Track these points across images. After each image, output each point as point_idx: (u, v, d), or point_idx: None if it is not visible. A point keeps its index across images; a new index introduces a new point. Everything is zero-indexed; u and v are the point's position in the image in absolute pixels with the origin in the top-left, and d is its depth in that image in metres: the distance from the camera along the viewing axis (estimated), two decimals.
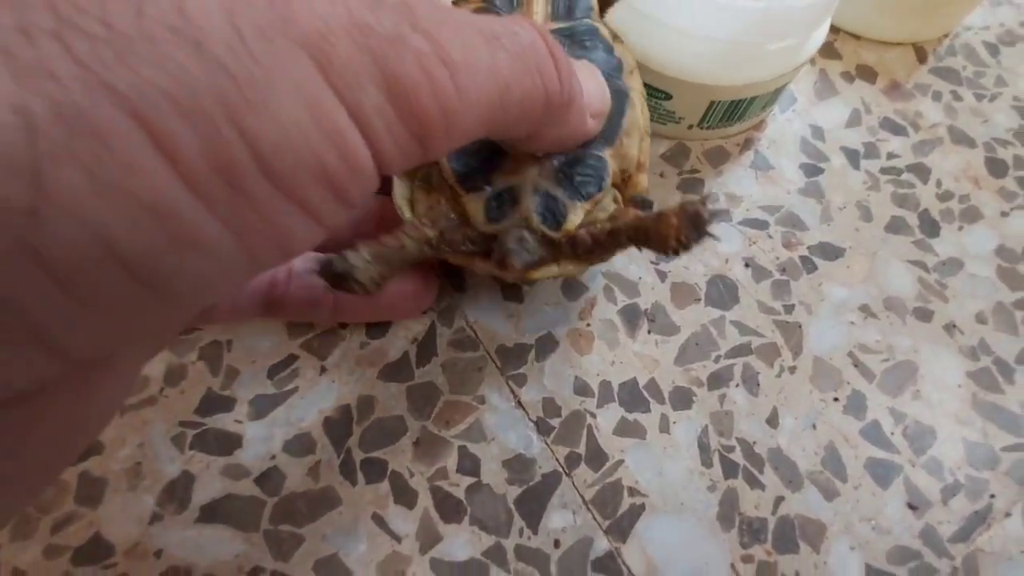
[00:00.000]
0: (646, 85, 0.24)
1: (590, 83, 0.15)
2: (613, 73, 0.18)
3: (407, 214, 0.17)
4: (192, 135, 0.07)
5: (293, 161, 0.08)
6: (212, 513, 0.19)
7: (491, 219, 0.16)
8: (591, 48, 0.18)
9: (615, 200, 0.18)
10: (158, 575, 0.18)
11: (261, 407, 0.20)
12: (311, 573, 0.18)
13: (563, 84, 0.12)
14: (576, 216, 0.16)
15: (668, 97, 0.25)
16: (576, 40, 0.18)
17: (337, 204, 0.09)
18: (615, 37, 0.19)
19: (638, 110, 0.18)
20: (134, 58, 0.07)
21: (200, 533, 0.18)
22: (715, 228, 0.15)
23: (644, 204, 0.18)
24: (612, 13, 0.22)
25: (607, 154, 0.17)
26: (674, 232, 0.14)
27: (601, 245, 0.16)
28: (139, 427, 0.20)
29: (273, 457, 0.20)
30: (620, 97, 0.17)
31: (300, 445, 0.20)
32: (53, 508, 0.18)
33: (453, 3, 0.17)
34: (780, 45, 0.23)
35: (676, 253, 0.14)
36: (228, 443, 0.20)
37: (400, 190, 0.17)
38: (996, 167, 0.28)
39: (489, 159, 0.16)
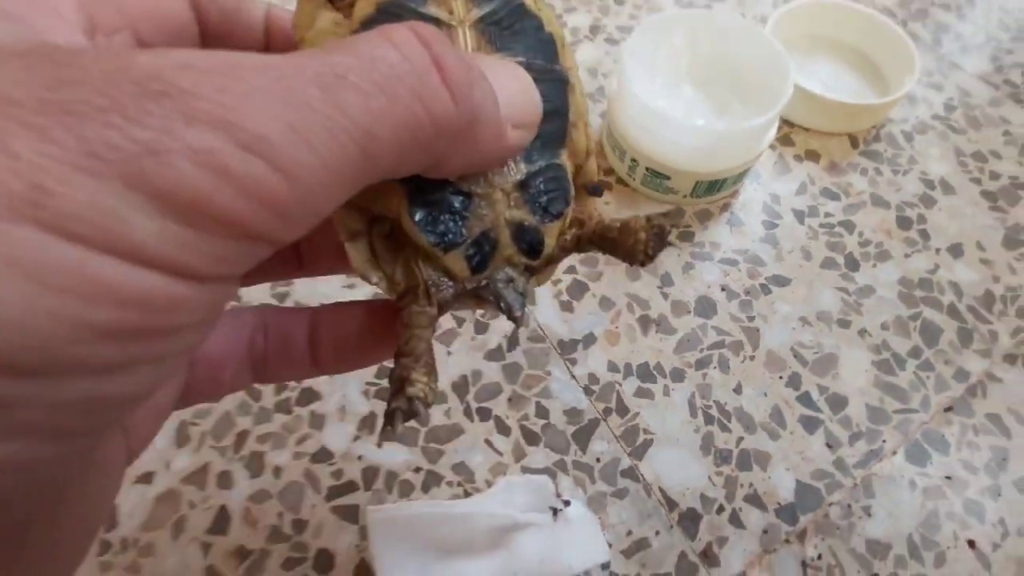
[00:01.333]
0: (653, 171, 0.37)
1: (510, 87, 0.12)
2: (550, 57, 0.15)
3: (374, 278, 0.15)
4: None
5: (42, 345, 0.07)
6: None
7: (476, 270, 0.15)
8: (521, 32, 0.15)
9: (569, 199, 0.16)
10: (360, 470, 0.30)
11: None
12: (450, 471, 0.30)
13: (459, 101, 0.10)
14: (552, 238, 0.15)
15: (668, 178, 0.37)
16: (504, 26, 0.15)
17: (161, 340, 0.08)
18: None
19: (578, 93, 0.16)
20: None
21: (384, 448, 0.31)
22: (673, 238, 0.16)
23: (595, 190, 0.17)
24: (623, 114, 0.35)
25: (563, 157, 0.15)
26: (642, 246, 0.15)
27: (568, 251, 0.16)
28: (342, 385, 0.32)
29: None
30: (560, 87, 0.15)
31: (437, 401, 0.32)
32: (296, 430, 0.31)
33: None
34: (739, 147, 0.35)
35: (643, 264, 0.15)
36: None
37: (357, 254, 0.15)
38: (904, 223, 0.39)
39: (449, 203, 0.14)
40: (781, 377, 0.34)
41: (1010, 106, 0.45)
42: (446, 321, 0.34)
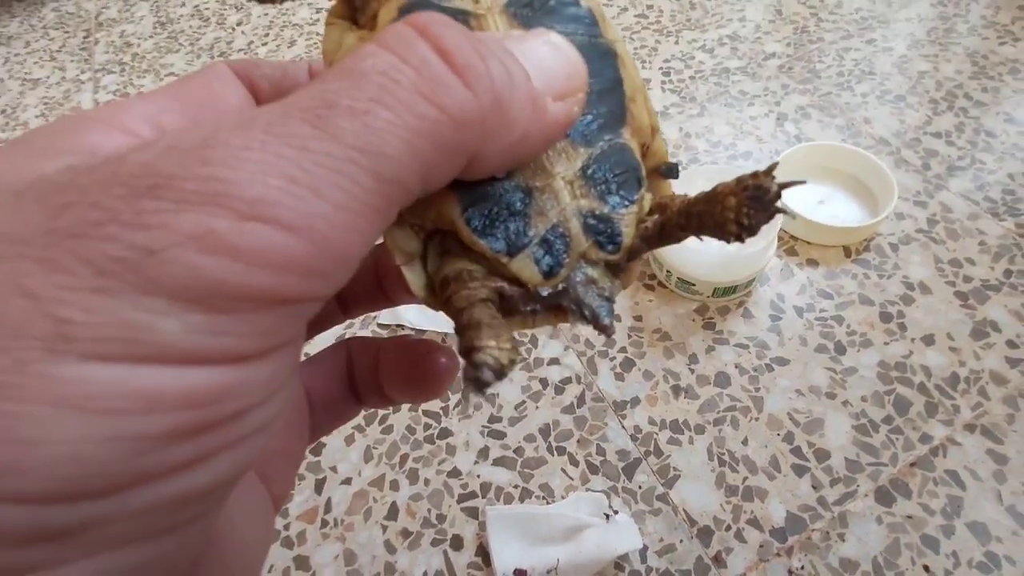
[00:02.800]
0: (683, 281, 0.52)
1: (540, 53, 0.11)
2: (592, 31, 0.14)
3: (437, 305, 0.13)
4: None
5: (104, 469, 0.07)
6: (499, 462, 0.46)
7: (549, 275, 0.13)
8: (554, 10, 0.14)
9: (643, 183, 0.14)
10: (479, 484, 0.45)
11: (512, 421, 0.48)
12: (537, 488, 0.45)
13: (473, 83, 0.09)
14: (631, 227, 0.13)
15: (693, 284, 0.51)
16: (536, 7, 0.14)
17: (229, 427, 0.09)
18: None
19: (629, 65, 0.14)
20: None
21: (493, 472, 0.46)
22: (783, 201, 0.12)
23: (670, 170, 0.15)
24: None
25: (627, 136, 0.14)
26: (733, 215, 0.12)
27: (652, 242, 0.14)
28: (466, 426, 0.48)
29: (518, 441, 0.47)
30: (608, 60, 0.14)
31: (529, 440, 0.47)
32: (437, 455, 0.47)
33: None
34: (745, 263, 0.49)
35: (740, 238, 0.12)
36: (497, 435, 0.48)
37: (416, 279, 0.13)
38: (886, 317, 0.51)
39: (507, 202, 0.13)
40: (779, 434, 0.46)
41: (987, 220, 0.56)
42: (533, 383, 0.50)
